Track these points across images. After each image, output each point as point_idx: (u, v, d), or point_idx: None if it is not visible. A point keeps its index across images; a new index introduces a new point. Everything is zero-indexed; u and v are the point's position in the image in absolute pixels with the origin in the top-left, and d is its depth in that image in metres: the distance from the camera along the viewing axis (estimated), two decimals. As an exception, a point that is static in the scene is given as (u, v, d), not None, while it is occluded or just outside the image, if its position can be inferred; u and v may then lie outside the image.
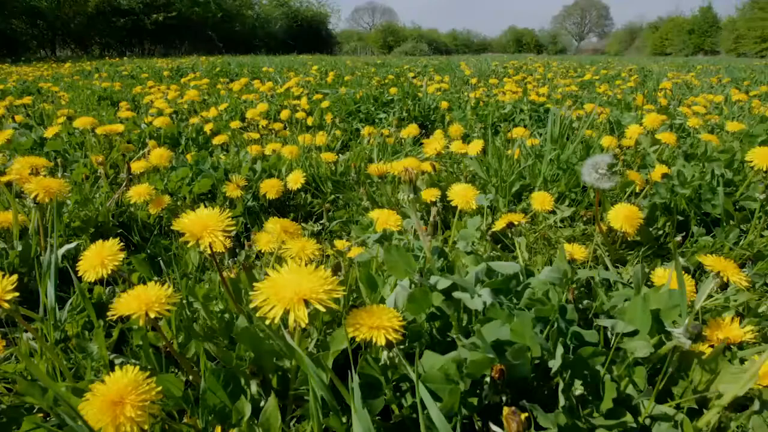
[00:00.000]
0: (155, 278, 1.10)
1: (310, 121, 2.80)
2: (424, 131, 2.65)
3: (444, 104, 2.76)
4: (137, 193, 1.28)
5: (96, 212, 1.20)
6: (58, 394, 0.54)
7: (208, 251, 0.68)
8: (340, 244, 1.14)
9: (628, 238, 1.35)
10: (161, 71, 5.98)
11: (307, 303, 0.51)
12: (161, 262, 1.12)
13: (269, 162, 1.75)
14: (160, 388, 0.51)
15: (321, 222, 1.59)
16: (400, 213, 1.29)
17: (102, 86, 4.16)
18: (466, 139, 2.48)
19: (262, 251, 1.12)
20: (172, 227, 0.66)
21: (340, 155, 1.89)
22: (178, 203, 1.46)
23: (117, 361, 0.69)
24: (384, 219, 0.85)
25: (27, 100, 3.47)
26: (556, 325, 0.58)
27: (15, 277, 0.58)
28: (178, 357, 0.65)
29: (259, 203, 1.56)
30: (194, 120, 2.67)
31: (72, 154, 1.80)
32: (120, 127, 1.94)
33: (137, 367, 0.51)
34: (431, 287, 0.62)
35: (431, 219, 0.79)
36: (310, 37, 28.52)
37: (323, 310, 0.50)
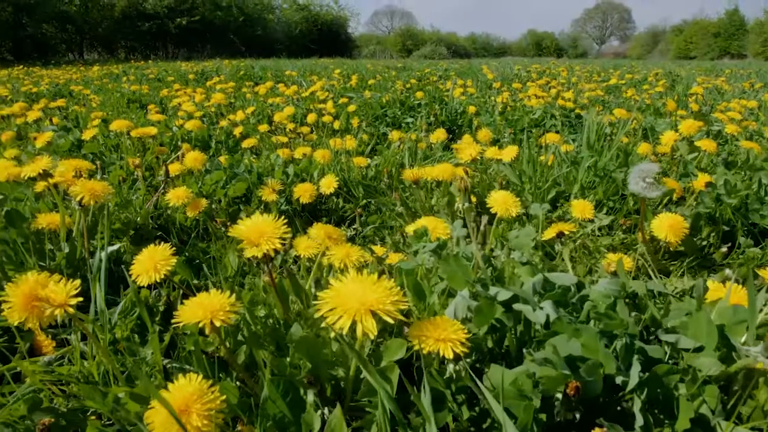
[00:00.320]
0: (196, 281, 1.11)
1: (336, 124, 2.81)
2: (451, 136, 2.64)
3: (471, 109, 2.74)
4: (175, 196, 1.29)
5: (136, 215, 1.21)
6: (120, 400, 0.54)
7: (259, 258, 0.67)
8: (379, 250, 1.14)
9: (671, 248, 1.31)
10: (186, 74, 6.08)
11: (373, 313, 0.50)
12: (201, 265, 1.13)
13: (300, 166, 1.75)
14: (224, 397, 0.50)
15: (354, 227, 1.59)
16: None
17: (131, 89, 4.24)
18: (495, 144, 2.45)
19: (301, 256, 1.12)
20: (228, 233, 0.65)
21: (370, 160, 1.88)
22: (214, 206, 1.47)
23: (169, 366, 0.69)
24: (433, 227, 0.84)
25: (60, 102, 3.55)
26: (624, 340, 0.56)
27: (78, 282, 0.58)
28: (236, 366, 0.65)
29: (292, 207, 1.56)
30: (223, 123, 2.70)
31: (108, 156, 1.83)
32: (153, 130, 1.97)
33: (200, 376, 0.51)
34: (491, 299, 0.60)
35: (481, 228, 0.78)
36: (330, 40, 28.70)
37: (391, 321, 0.49)
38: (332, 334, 0.49)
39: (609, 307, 0.61)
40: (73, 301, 0.57)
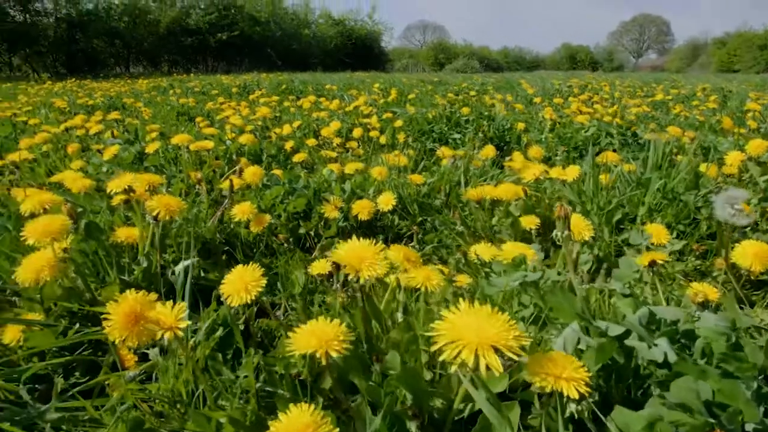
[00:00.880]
0: (264, 298, 1.11)
1: (383, 139, 2.82)
2: (500, 152, 2.60)
3: (520, 125, 2.70)
4: (241, 211, 1.31)
5: (204, 229, 1.23)
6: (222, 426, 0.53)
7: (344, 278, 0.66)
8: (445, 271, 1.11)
9: (752, 277, 1.24)
10: (230, 88, 6.25)
11: (495, 349, 0.48)
12: (269, 281, 1.13)
13: (356, 182, 1.75)
14: (337, 430, 0.49)
15: (411, 245, 1.57)
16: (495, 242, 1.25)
17: (179, 102, 4.38)
18: (546, 162, 2.40)
19: (369, 276, 1.11)
20: (331, 259, 0.65)
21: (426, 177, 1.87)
22: (273, 221, 1.48)
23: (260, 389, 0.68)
24: (521, 254, 0.81)
25: (115, 115, 3.69)
26: (755, 385, 0.52)
27: (184, 304, 0.58)
28: (323, 391, 0.64)
29: (349, 223, 1.56)
30: (248, 137, 2.73)
31: (168, 169, 1.88)
32: (210, 144, 2.02)
33: (312, 405, 0.50)
34: (606, 335, 0.57)
35: (573, 256, 0.75)
36: (364, 54, 29.09)
37: (516, 358, 0.47)
38: (452, 369, 0.47)
39: (732, 347, 0.57)
40: (183, 324, 0.57)
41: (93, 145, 2.31)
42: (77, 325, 0.89)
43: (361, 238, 1.54)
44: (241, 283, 0.71)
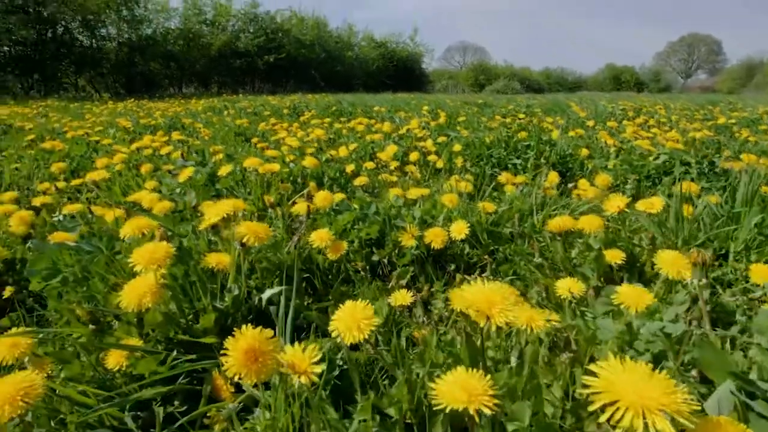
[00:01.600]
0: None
1: (440, 163, 2.80)
2: (562, 179, 2.53)
3: (584, 151, 2.63)
4: (319, 238, 1.31)
5: (284, 256, 1.24)
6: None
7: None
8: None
9: None
10: (280, 109, 6.43)
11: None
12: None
13: (424, 208, 1.73)
14: (487, 494, 0.46)
15: (484, 275, 1.53)
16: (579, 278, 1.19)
17: (236, 123, 4.53)
18: (615, 190, 2.32)
19: (456, 309, 1.07)
20: (456, 303, 0.62)
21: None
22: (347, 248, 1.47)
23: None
24: (638, 298, 0.76)
25: (177, 135, 3.85)
26: None
27: (315, 346, 0.57)
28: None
29: (421, 252, 1.53)
30: (310, 160, 2.76)
31: (237, 191, 1.92)
32: (277, 167, 2.05)
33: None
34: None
35: (700, 303, 0.69)
36: (405, 75, 29.47)
37: (688, 425, 0.43)
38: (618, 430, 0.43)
39: None
40: (318, 369, 0.56)
41: (163, 165, 2.40)
42: (174, 352, 0.90)
43: (432, 267, 1.51)
44: (352, 321, 0.69)
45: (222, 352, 0.64)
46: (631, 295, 0.76)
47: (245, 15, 21.23)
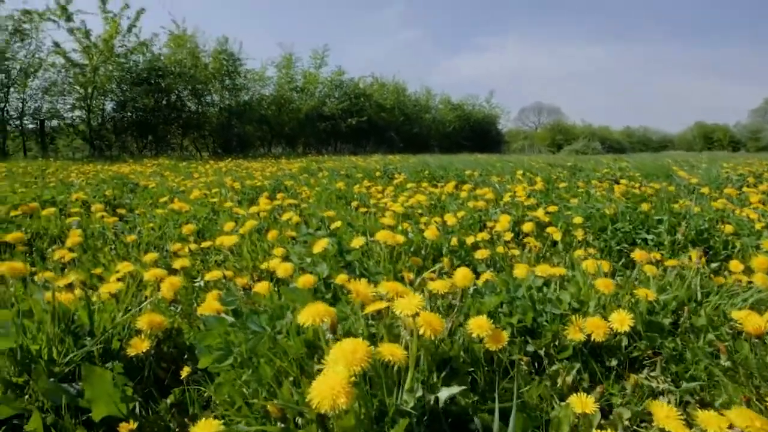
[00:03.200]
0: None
1: (557, 236, 2.65)
2: (706, 258, 2.28)
3: (728, 228, 2.37)
4: (478, 326, 1.21)
5: (447, 345, 1.16)
6: None
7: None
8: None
9: None
10: (372, 171, 6.62)
11: None
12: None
13: (571, 291, 1.60)
14: None
15: (652, 374, 1.35)
16: None
17: (336, 186, 4.68)
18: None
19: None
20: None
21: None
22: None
23: None
24: None
25: (280, 197, 4.02)
26: None
27: None
28: None
29: (578, 345, 1.39)
30: (432, 230, 2.72)
31: (365, 263, 1.90)
32: (402, 238, 2.03)
33: None
34: None
35: None
36: (481, 136, 29.75)
37: None
38: None
39: None
40: None
41: (286, 231, 2.48)
42: (362, 459, 0.83)
43: (593, 362, 1.35)
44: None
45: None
46: None
47: (331, 82, 22.81)
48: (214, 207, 3.49)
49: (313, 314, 0.98)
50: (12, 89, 15.13)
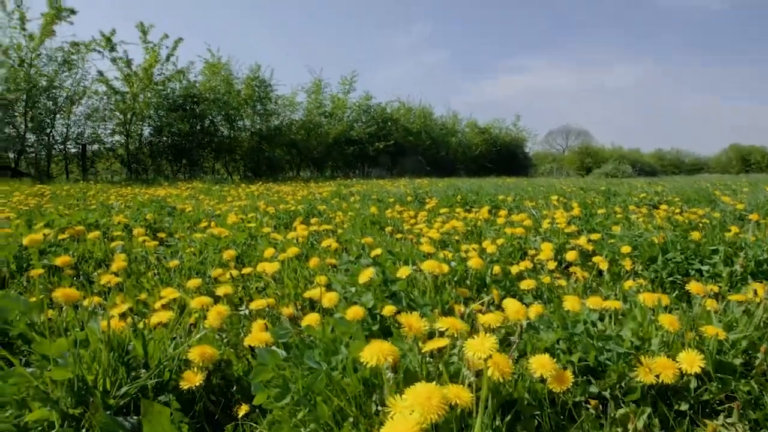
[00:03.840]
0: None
1: (603, 265, 2.56)
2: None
3: (792, 259, 2.24)
4: (541, 366, 1.15)
5: (510, 386, 1.10)
6: None
7: None
8: None
9: None
10: (404, 195, 6.61)
11: None
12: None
13: (632, 327, 1.52)
14: None
15: (729, 420, 1.25)
16: None
17: (370, 211, 4.68)
18: None
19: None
20: None
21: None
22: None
23: None
24: None
25: (315, 222, 4.04)
26: None
27: None
28: None
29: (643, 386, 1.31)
30: (476, 259, 2.66)
31: (411, 293, 1.86)
32: (446, 267, 1.99)
33: None
34: None
35: None
36: (508, 160, 29.55)
37: None
38: None
39: None
40: None
41: (325, 257, 2.46)
42: None
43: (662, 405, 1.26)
44: None
45: None
46: None
47: (359, 107, 23.18)
48: (252, 232, 3.52)
49: (376, 353, 0.95)
50: (58, 116, 15.92)
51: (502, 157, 29.36)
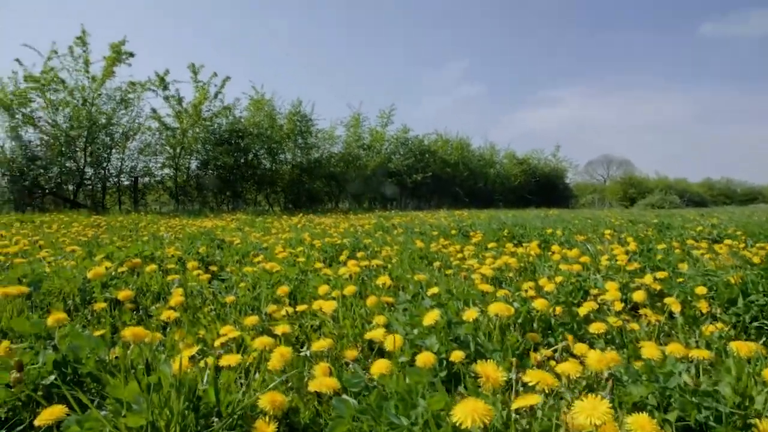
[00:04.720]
0: None
1: (675, 307, 2.39)
2: None
3: None
4: (640, 426, 1.05)
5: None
6: None
7: None
8: None
9: None
10: (447, 228, 6.53)
11: None
12: None
13: (728, 382, 1.38)
14: None
15: None
16: None
17: (416, 246, 4.62)
18: None
19: None
20: None
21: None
22: None
23: None
24: None
25: (361, 256, 4.00)
26: None
27: None
28: None
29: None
30: (542, 300, 2.54)
31: (478, 337, 1.77)
32: (511, 310, 1.89)
33: None
34: None
35: None
36: (547, 190, 28.98)
37: None
38: None
39: None
40: None
41: (381, 295, 2.41)
42: None
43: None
44: None
45: None
46: None
47: (397, 139, 23.45)
48: (301, 267, 3.52)
49: (470, 413, 0.88)
50: (114, 150, 16.87)
51: (542, 187, 28.83)
